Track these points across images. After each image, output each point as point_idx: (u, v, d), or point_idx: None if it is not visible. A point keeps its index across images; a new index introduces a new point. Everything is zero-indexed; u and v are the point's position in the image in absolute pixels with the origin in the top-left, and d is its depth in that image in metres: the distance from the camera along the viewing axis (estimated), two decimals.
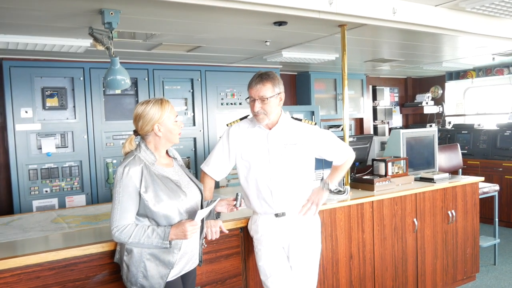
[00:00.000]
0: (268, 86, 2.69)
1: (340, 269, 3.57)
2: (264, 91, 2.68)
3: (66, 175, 4.93)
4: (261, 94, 2.69)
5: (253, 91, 2.71)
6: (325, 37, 4.39)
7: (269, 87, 2.69)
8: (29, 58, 4.72)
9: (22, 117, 4.68)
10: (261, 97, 2.69)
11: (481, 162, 7.04)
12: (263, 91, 2.68)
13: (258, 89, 2.69)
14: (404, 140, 4.60)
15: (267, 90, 2.69)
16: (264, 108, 2.70)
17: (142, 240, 2.26)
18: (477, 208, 4.57)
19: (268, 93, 2.69)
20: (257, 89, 2.69)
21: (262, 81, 2.69)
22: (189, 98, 5.67)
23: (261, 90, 2.68)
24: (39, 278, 2.40)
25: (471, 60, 6.61)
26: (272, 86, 2.70)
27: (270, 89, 2.69)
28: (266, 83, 2.69)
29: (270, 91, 2.69)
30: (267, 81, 2.69)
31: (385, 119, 8.35)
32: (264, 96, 2.68)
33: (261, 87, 2.68)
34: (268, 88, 2.69)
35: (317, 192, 2.89)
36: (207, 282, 2.95)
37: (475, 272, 4.64)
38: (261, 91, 2.68)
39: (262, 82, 2.69)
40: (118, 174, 2.29)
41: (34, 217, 3.49)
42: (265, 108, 2.70)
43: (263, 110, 2.70)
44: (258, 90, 2.69)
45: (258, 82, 2.70)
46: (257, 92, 2.69)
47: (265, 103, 2.69)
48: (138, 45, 4.42)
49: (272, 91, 2.70)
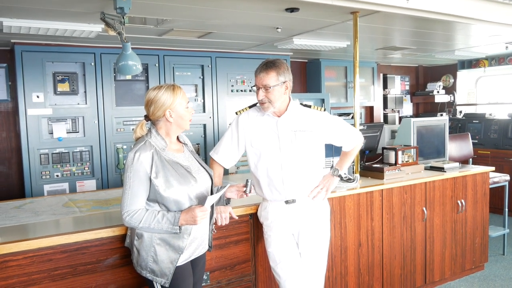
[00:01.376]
0: (272, 75, 2.67)
1: (348, 257, 3.58)
2: (267, 80, 2.67)
3: (77, 160, 4.97)
4: (264, 83, 2.67)
5: (257, 79, 2.71)
6: (337, 24, 4.35)
7: (273, 75, 2.67)
8: (41, 43, 4.73)
9: (34, 102, 4.70)
10: (265, 85, 2.67)
11: (491, 152, 6.98)
12: (266, 79, 2.67)
13: (261, 77, 2.68)
14: (414, 128, 4.57)
15: (270, 78, 2.67)
16: (268, 97, 2.69)
17: (152, 225, 2.28)
18: (487, 198, 4.55)
19: (271, 81, 2.67)
20: (261, 78, 2.68)
21: (266, 70, 2.67)
22: (199, 84, 5.67)
23: (264, 79, 2.67)
24: (51, 261, 2.43)
25: (484, 48, 6.53)
26: (277, 75, 2.68)
27: (273, 77, 2.67)
28: (270, 72, 2.67)
29: (273, 79, 2.67)
30: (271, 70, 2.67)
31: (395, 108, 8.29)
32: (267, 85, 2.67)
33: (265, 76, 2.67)
34: (272, 76, 2.67)
35: (327, 177, 2.89)
36: (216, 267, 2.98)
37: (484, 262, 4.63)
38: (264, 79, 2.67)
39: (266, 70, 2.67)
40: (129, 159, 2.30)
41: (46, 201, 3.53)
42: (269, 97, 2.69)
43: (267, 98, 2.69)
44: (261, 79, 2.68)
45: (262, 71, 2.68)
46: (261, 81, 2.68)
47: (269, 91, 2.68)
48: (149, 31, 4.42)
49: (276, 80, 2.68)
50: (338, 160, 3.05)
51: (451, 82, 8.38)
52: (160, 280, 2.33)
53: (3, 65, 5.00)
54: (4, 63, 5.01)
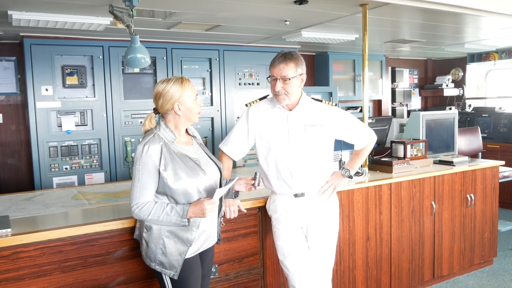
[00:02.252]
0: (291, 66, 2.65)
1: (356, 250, 3.57)
2: (286, 71, 2.64)
3: (86, 152, 4.99)
4: (283, 74, 2.65)
5: (276, 70, 2.66)
6: (345, 17, 4.32)
7: (292, 67, 2.65)
8: (49, 36, 4.75)
9: (43, 95, 4.73)
10: (283, 77, 2.65)
11: (501, 146, 6.93)
12: (285, 71, 2.64)
13: (280, 68, 2.65)
14: (423, 122, 4.54)
15: (289, 70, 2.64)
16: (285, 89, 2.67)
17: (161, 218, 2.28)
18: (497, 192, 4.52)
19: (290, 73, 2.65)
20: (280, 69, 2.65)
21: (285, 61, 2.64)
22: (207, 77, 5.67)
23: (283, 70, 2.64)
24: (61, 253, 2.45)
25: (494, 41, 6.46)
26: (295, 67, 2.66)
27: (292, 69, 2.65)
28: (289, 63, 2.64)
29: (292, 71, 2.65)
30: (291, 61, 2.65)
31: (403, 101, 8.24)
32: (286, 76, 2.64)
33: (284, 67, 2.64)
34: (291, 68, 2.65)
35: (337, 176, 2.88)
36: (225, 260, 2.99)
37: (493, 257, 4.61)
38: (284, 71, 2.64)
39: (285, 61, 2.64)
40: (138, 152, 2.30)
41: (55, 193, 3.55)
42: (286, 89, 2.67)
43: (284, 90, 2.67)
44: (280, 70, 2.65)
45: (281, 62, 2.65)
46: (280, 72, 2.65)
47: (287, 83, 2.65)
48: (157, 24, 4.41)
49: (294, 72, 2.66)
50: (349, 159, 3.03)
51: (460, 75, 8.31)
52: (168, 272, 2.34)
53: (12, 58, 5.02)
54: (13, 56, 5.03)
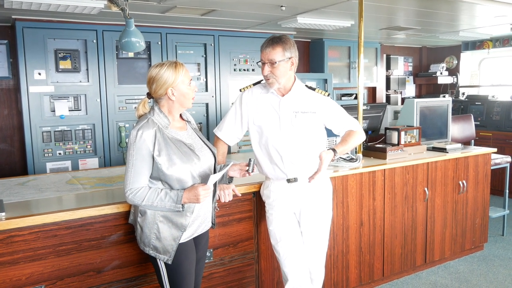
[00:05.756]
0: (278, 50, 2.65)
1: (350, 236, 3.60)
2: (273, 55, 2.65)
3: (79, 138, 4.97)
4: (270, 58, 2.66)
5: (263, 54, 2.69)
6: (341, 3, 4.30)
7: (279, 51, 2.65)
8: (42, 19, 4.69)
9: (35, 79, 4.68)
10: (270, 60, 2.66)
11: (493, 133, 6.98)
12: (272, 54, 2.65)
13: (267, 52, 2.67)
14: (418, 109, 4.56)
15: (276, 53, 2.65)
16: (273, 72, 2.68)
17: (155, 203, 2.29)
18: (488, 179, 4.57)
19: (277, 57, 2.65)
20: (267, 53, 2.67)
21: (272, 45, 2.66)
22: (202, 63, 5.64)
23: (270, 54, 2.66)
24: (56, 237, 2.45)
25: (489, 29, 6.48)
26: (283, 50, 2.66)
27: (280, 53, 2.66)
28: (276, 47, 2.65)
29: (280, 55, 2.66)
30: (278, 45, 2.65)
31: (398, 89, 8.26)
32: (273, 60, 2.65)
33: (271, 51, 2.66)
34: (278, 52, 2.65)
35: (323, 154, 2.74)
36: (219, 244, 3.00)
37: (484, 242, 4.67)
38: (270, 54, 2.66)
39: (272, 45, 2.66)
40: (132, 137, 2.29)
41: (49, 178, 3.55)
42: (274, 72, 2.67)
43: (272, 74, 2.68)
44: (267, 54, 2.67)
45: (268, 45, 2.67)
46: (267, 55, 2.67)
47: (274, 67, 2.66)
48: (152, 8, 4.37)
49: (282, 55, 2.66)
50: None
51: (454, 63, 8.32)
52: (163, 257, 2.35)
53: (4, 41, 4.95)
54: (5, 40, 4.96)
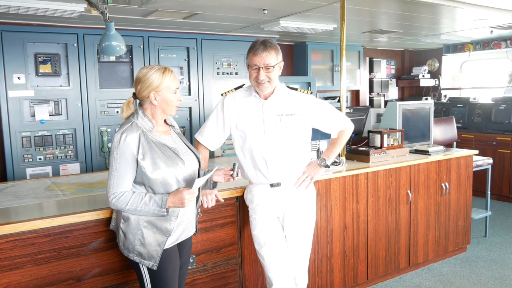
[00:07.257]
0: (273, 54, 2.63)
1: (334, 239, 3.60)
2: (269, 59, 2.62)
3: (60, 143, 4.90)
4: (266, 62, 2.62)
5: (258, 58, 2.62)
6: (324, 6, 4.31)
7: (273, 54, 2.63)
8: (22, 23, 4.62)
9: (15, 83, 4.60)
10: (267, 65, 2.62)
11: (475, 135, 7.06)
12: (268, 58, 2.62)
13: (263, 56, 2.61)
14: (400, 112, 4.59)
15: (272, 58, 2.63)
16: (269, 76, 2.64)
17: (139, 208, 2.25)
18: (470, 181, 4.61)
19: (273, 61, 2.63)
20: (263, 57, 2.61)
21: (267, 49, 2.61)
22: (185, 67, 5.60)
23: (266, 58, 2.61)
24: (34, 245, 2.40)
25: (469, 33, 6.56)
26: (276, 54, 2.65)
27: (274, 57, 2.64)
28: (271, 51, 2.62)
29: (274, 59, 2.64)
30: (272, 49, 2.63)
31: (381, 92, 8.32)
32: (269, 64, 2.62)
33: (267, 55, 2.61)
34: (273, 56, 2.63)
35: (313, 166, 2.87)
36: (202, 250, 2.97)
37: (466, 244, 4.70)
38: (267, 58, 2.61)
39: (267, 49, 2.61)
40: (115, 141, 2.26)
41: (28, 184, 3.47)
42: (270, 76, 2.64)
43: (267, 78, 2.65)
44: (263, 58, 2.61)
45: (263, 50, 2.61)
46: (263, 60, 2.61)
47: (270, 71, 2.63)
48: (133, 11, 4.33)
49: (276, 59, 2.65)
50: (326, 149, 3.02)
51: (436, 66, 8.42)
52: (147, 263, 2.31)
53: None
54: None
